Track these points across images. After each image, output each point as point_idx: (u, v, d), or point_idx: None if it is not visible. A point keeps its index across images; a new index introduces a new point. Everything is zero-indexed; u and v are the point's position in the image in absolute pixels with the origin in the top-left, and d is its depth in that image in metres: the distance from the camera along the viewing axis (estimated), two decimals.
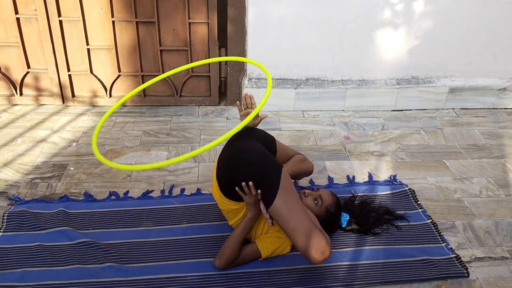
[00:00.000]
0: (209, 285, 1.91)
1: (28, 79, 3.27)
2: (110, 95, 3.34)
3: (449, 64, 3.34)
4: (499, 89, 3.41)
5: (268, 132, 2.22)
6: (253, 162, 1.88)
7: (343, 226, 2.16)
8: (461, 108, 3.47)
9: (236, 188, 1.87)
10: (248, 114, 2.04)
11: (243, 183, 1.84)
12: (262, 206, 1.91)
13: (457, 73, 3.38)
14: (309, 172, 2.32)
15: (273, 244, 1.99)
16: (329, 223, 2.06)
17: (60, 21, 3.06)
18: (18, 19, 3.04)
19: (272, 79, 3.27)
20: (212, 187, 2.08)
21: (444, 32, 3.20)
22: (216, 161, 2.05)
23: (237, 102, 2.11)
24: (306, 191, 2.08)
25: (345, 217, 2.15)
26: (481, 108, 3.49)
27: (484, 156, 2.90)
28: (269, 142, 2.13)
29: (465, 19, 3.18)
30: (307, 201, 2.04)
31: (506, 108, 3.50)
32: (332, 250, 1.91)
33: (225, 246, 1.95)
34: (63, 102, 3.32)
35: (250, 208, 1.92)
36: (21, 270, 1.95)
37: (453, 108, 3.47)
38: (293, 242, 1.81)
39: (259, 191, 1.84)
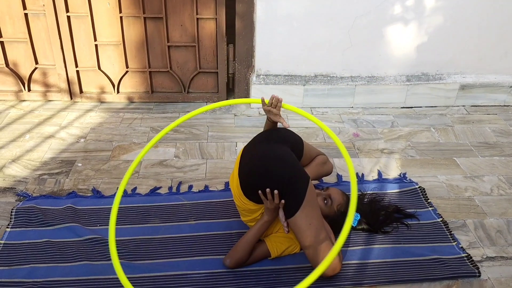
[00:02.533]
0: (217, 283, 1.90)
1: (36, 75, 3.27)
2: (118, 91, 3.33)
3: (460, 60, 3.29)
4: (510, 86, 3.37)
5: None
6: (283, 172, 1.83)
7: (354, 225, 2.13)
8: (472, 105, 3.43)
9: (259, 192, 1.83)
10: (270, 111, 1.99)
11: (268, 190, 1.80)
12: (281, 213, 1.89)
13: (468, 69, 3.33)
14: (328, 174, 2.31)
15: (283, 244, 1.98)
16: (339, 222, 2.03)
17: (68, 17, 3.05)
18: (26, 14, 3.04)
19: (280, 75, 3.25)
20: (232, 182, 2.03)
21: (455, 28, 3.16)
22: (239, 155, 2.01)
23: (263, 97, 2.02)
24: (316, 190, 2.05)
25: (356, 217, 2.12)
26: (492, 106, 3.44)
27: (495, 154, 2.86)
28: (298, 145, 2.09)
29: (476, 15, 3.13)
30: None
31: None
32: (342, 249, 1.90)
33: (237, 246, 1.94)
34: (71, 98, 3.32)
35: (268, 213, 1.89)
36: (29, 266, 1.95)
37: (463, 105, 3.43)
38: (306, 254, 1.84)
39: (282, 201, 1.81)
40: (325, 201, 2.03)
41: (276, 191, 1.78)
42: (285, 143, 2.00)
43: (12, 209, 2.25)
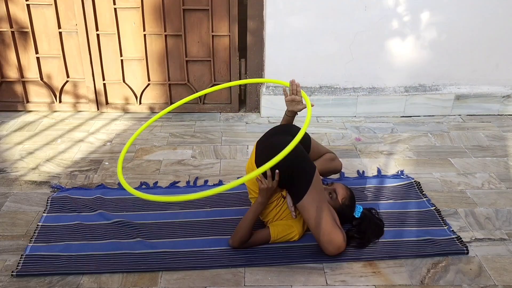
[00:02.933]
0: (229, 258, 2.13)
1: (67, 87, 3.62)
2: (140, 102, 3.66)
3: (455, 72, 3.56)
4: (503, 96, 3.61)
5: None
6: (293, 159, 2.04)
7: (357, 216, 2.28)
8: (467, 115, 3.67)
9: (260, 175, 2.04)
10: (293, 100, 2.26)
11: (276, 171, 2.04)
12: (289, 199, 2.13)
13: (462, 81, 3.60)
14: (337, 171, 2.52)
15: (284, 230, 2.18)
16: (343, 214, 2.25)
17: (98, 35, 3.41)
18: (60, 33, 3.41)
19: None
20: (247, 170, 2.27)
21: (449, 42, 3.44)
22: (254, 146, 2.25)
23: (284, 88, 2.29)
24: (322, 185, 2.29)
25: (358, 209, 2.30)
26: (487, 115, 3.67)
27: (488, 155, 3.08)
28: (305, 140, 2.33)
29: (468, 30, 3.41)
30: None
31: (511, 115, 3.68)
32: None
33: (238, 227, 2.15)
34: (98, 109, 3.65)
35: (263, 193, 2.10)
36: (63, 243, 2.21)
37: (459, 115, 3.67)
38: (314, 234, 2.07)
39: (276, 178, 2.04)
40: (330, 195, 2.25)
41: (277, 171, 2.03)
42: (293, 136, 2.24)
43: (48, 198, 2.53)
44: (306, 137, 2.37)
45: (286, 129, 2.31)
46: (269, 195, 2.12)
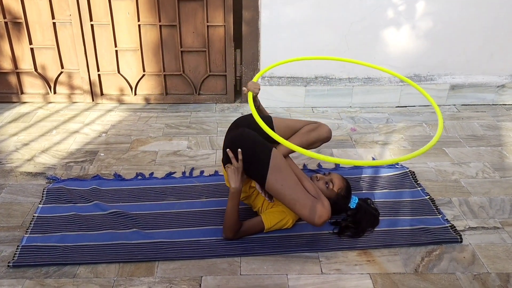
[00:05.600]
0: (225, 247, 2.14)
1: (61, 78, 3.60)
2: (135, 93, 3.65)
3: (449, 62, 3.57)
4: (498, 86, 3.63)
5: None
6: (245, 149, 2.10)
7: (352, 207, 2.27)
8: (462, 104, 3.69)
9: (225, 166, 2.16)
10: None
11: (228, 150, 2.14)
12: (257, 186, 2.16)
13: (457, 71, 3.60)
14: (322, 138, 2.35)
15: (276, 217, 2.17)
16: (338, 204, 2.25)
17: (92, 25, 3.39)
18: (54, 23, 3.38)
19: (284, 77, 3.55)
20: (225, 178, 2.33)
21: (444, 32, 3.45)
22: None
23: (244, 88, 2.34)
24: (318, 175, 2.29)
25: (354, 200, 2.30)
26: (481, 104, 3.69)
27: (482, 144, 3.10)
28: (267, 123, 2.30)
29: (463, 20, 3.42)
30: (318, 184, 2.23)
31: (505, 104, 3.70)
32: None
33: (224, 219, 2.16)
34: (93, 100, 3.63)
35: (232, 179, 2.11)
36: (60, 234, 2.22)
37: (454, 104, 3.69)
38: (294, 211, 2.05)
39: (240, 158, 2.09)
40: (327, 185, 2.24)
41: (239, 149, 2.09)
42: (249, 125, 2.26)
43: (43, 189, 2.53)
44: (268, 119, 2.38)
45: (239, 123, 2.39)
46: (238, 180, 2.11)
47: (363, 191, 2.58)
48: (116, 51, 3.49)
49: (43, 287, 1.91)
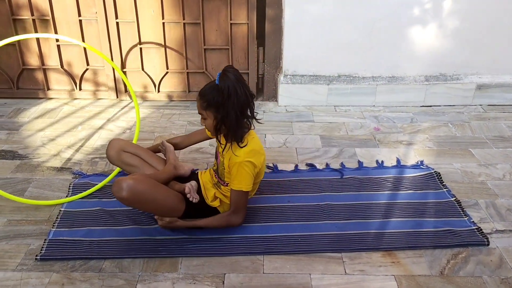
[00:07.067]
0: (248, 245, 2.15)
1: (87, 75, 3.65)
2: (159, 90, 3.68)
3: (476, 61, 3.50)
4: None
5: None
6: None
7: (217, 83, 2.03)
8: (488, 105, 3.61)
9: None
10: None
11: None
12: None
13: (483, 70, 3.53)
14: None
15: (245, 177, 2.05)
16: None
17: (117, 23, 3.43)
18: (80, 21, 3.43)
19: (306, 75, 3.53)
20: None
21: (470, 30, 3.38)
22: None
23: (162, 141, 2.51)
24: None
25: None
26: (509, 105, 3.60)
27: (510, 146, 3.03)
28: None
29: (490, 18, 3.34)
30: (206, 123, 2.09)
31: None
32: (361, 221, 2.28)
33: (216, 227, 2.19)
34: (117, 96, 3.68)
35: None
36: (86, 229, 2.25)
37: (480, 104, 3.61)
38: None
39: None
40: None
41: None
42: None
43: (70, 184, 2.58)
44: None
45: None
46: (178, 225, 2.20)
47: (387, 192, 2.55)
48: (141, 48, 3.52)
49: (69, 280, 1.94)
